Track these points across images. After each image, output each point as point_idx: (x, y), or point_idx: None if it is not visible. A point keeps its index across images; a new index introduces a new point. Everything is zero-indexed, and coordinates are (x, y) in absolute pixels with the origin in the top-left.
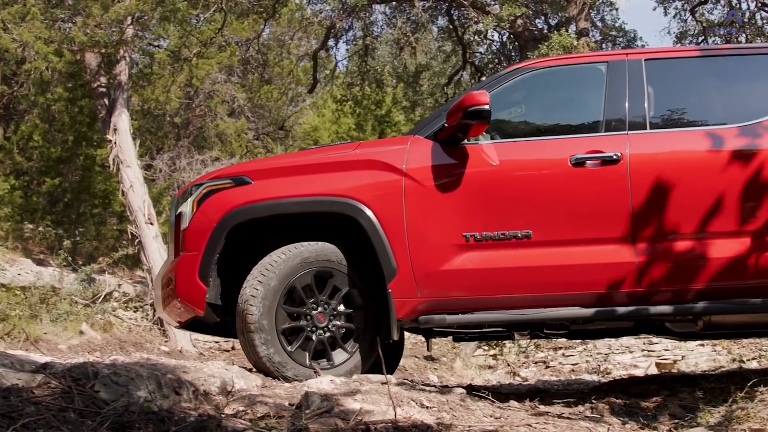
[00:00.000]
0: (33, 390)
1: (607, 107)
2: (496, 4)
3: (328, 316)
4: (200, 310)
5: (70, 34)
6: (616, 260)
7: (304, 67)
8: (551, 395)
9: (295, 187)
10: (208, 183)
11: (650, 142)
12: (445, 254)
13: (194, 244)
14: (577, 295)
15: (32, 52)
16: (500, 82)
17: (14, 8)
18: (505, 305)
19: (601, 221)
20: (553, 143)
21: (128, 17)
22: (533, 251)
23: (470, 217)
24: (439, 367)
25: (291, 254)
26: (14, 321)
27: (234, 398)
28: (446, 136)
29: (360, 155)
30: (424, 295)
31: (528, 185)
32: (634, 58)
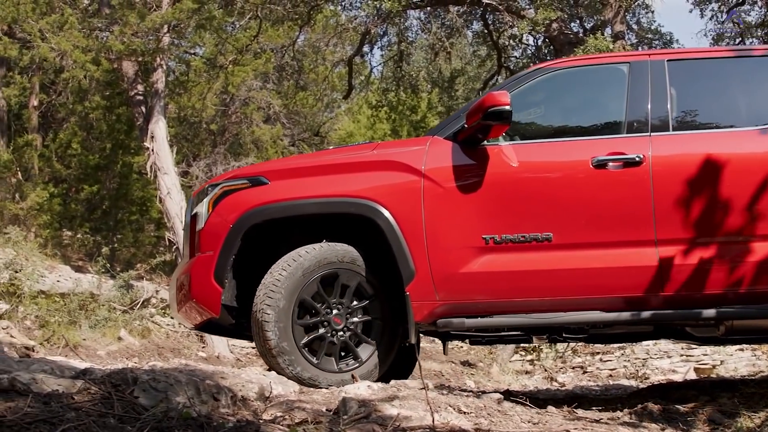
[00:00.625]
0: (73, 396)
1: (629, 108)
2: (531, 8)
3: (345, 316)
4: (215, 311)
5: (108, 43)
6: (638, 263)
7: (339, 73)
8: (589, 401)
9: (313, 188)
10: (225, 183)
11: (673, 144)
12: (464, 257)
13: (210, 245)
14: (598, 299)
15: (70, 61)
16: (521, 82)
17: (52, 18)
18: (524, 309)
19: (623, 224)
20: (574, 145)
21: (165, 26)
22: (553, 254)
23: (490, 219)
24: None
25: (294, 266)
26: (54, 327)
27: (272, 404)
28: (466, 137)
29: (378, 156)
30: (442, 298)
31: (548, 187)
32: (657, 58)
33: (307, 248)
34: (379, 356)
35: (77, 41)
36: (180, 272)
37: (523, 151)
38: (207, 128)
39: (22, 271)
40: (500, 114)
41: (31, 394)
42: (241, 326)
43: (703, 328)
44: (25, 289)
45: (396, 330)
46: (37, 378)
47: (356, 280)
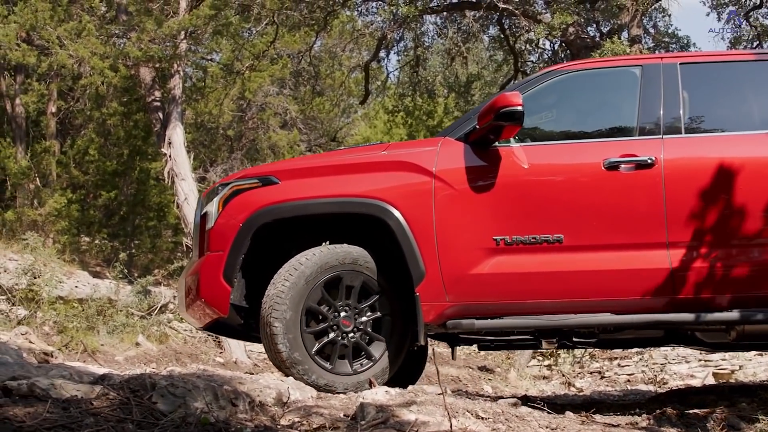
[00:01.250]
0: (92, 401)
1: (641, 111)
2: (547, 12)
3: (353, 317)
4: (224, 311)
5: (125, 50)
6: (650, 266)
7: (355, 79)
8: (607, 406)
9: (323, 188)
10: (235, 182)
11: (686, 147)
12: (474, 258)
13: (219, 244)
14: (609, 302)
15: (88, 67)
16: (533, 84)
17: (70, 25)
18: (534, 311)
19: (635, 226)
20: (585, 147)
21: (182, 32)
22: (564, 256)
23: (501, 221)
24: (493, 378)
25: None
26: (72, 333)
27: (290, 409)
28: (477, 138)
29: (389, 156)
30: (452, 300)
31: (560, 189)
32: (669, 62)
33: (307, 254)
34: (391, 352)
35: (95, 48)
36: (189, 272)
37: (535, 152)
38: (224, 134)
39: (41, 276)
40: (512, 115)
41: (51, 400)
42: (250, 327)
43: (713, 334)
44: (43, 294)
45: (406, 325)
46: (56, 383)
47: (360, 279)
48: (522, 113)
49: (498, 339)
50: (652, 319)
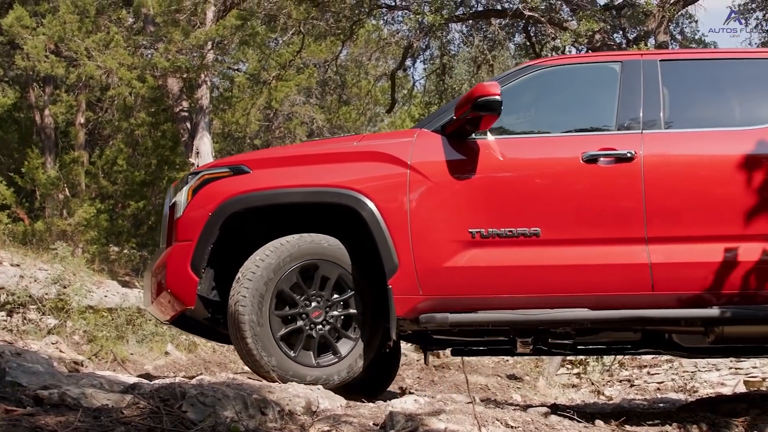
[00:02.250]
0: (122, 410)
1: (621, 106)
2: (573, 19)
3: (324, 309)
4: (190, 302)
5: (153, 60)
6: (628, 261)
7: (381, 87)
8: (637, 414)
9: (295, 178)
10: (205, 172)
11: (665, 142)
12: (449, 250)
13: (187, 233)
14: (586, 297)
15: (116, 78)
16: (512, 77)
17: (98, 36)
18: (509, 305)
19: (613, 221)
20: (564, 140)
21: (208, 42)
22: (541, 250)
23: (477, 213)
24: (522, 386)
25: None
26: (101, 342)
27: (319, 418)
28: (454, 129)
29: (364, 147)
30: (426, 293)
31: (537, 182)
32: (650, 58)
33: (287, 238)
34: (359, 352)
35: (123, 59)
36: (155, 263)
37: (512, 145)
38: (251, 143)
39: (70, 286)
40: (490, 105)
41: (81, 409)
42: (217, 322)
43: (691, 337)
44: (73, 304)
45: (377, 325)
46: (87, 392)
47: (337, 272)
48: (500, 103)
49: (471, 341)
50: (629, 315)
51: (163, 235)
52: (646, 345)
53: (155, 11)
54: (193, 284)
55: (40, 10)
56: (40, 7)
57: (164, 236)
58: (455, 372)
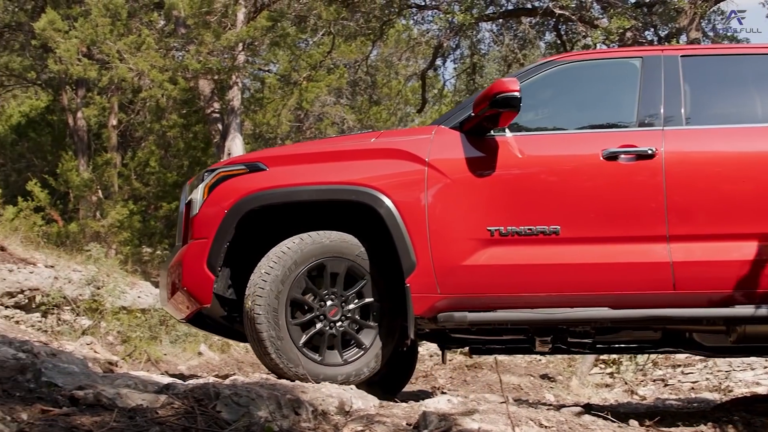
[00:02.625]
0: (157, 410)
1: (641, 103)
2: (604, 17)
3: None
4: (206, 300)
5: (184, 62)
6: (649, 260)
7: (412, 87)
8: (672, 414)
9: (312, 175)
10: (221, 169)
11: (687, 139)
12: (467, 249)
13: (204, 231)
14: (605, 296)
15: (148, 80)
16: (531, 73)
17: (130, 39)
18: (528, 304)
19: (633, 218)
20: (584, 137)
21: (239, 44)
22: (561, 248)
23: (495, 211)
24: (555, 386)
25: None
26: (135, 342)
27: (352, 418)
28: (473, 126)
29: (381, 144)
30: (444, 292)
31: (557, 179)
32: (671, 54)
33: (287, 244)
34: (382, 337)
35: (154, 61)
36: (171, 261)
37: (531, 142)
38: (282, 144)
39: (104, 287)
40: (509, 101)
41: (117, 409)
42: (233, 320)
43: (712, 336)
44: (107, 305)
45: (395, 311)
46: (122, 392)
47: (344, 265)
48: (519, 99)
49: (489, 339)
50: (650, 315)
51: (179, 233)
52: (666, 344)
53: (186, 13)
54: (209, 282)
55: (72, 14)
56: (72, 11)
57: (180, 234)
58: (488, 372)
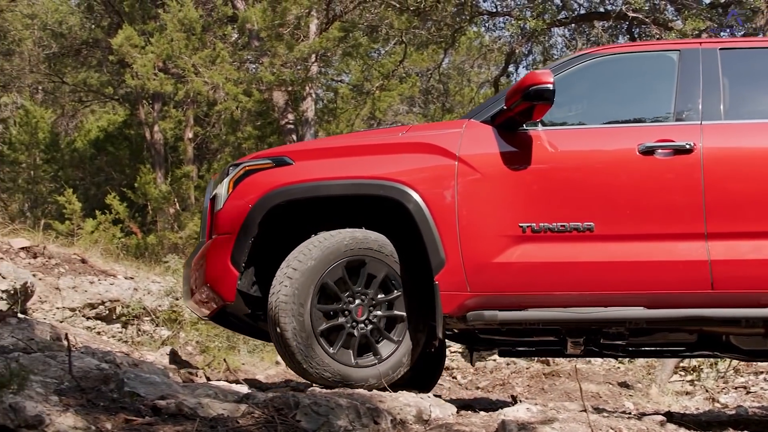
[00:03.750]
0: (238, 419)
1: (678, 96)
2: (678, 19)
3: (368, 308)
4: (230, 297)
5: (258, 75)
6: (686, 258)
7: (485, 94)
8: (755, 423)
9: (339, 169)
10: (247, 163)
11: (725, 133)
12: (498, 245)
13: (228, 226)
14: (641, 295)
15: (222, 93)
16: (566, 66)
17: (204, 53)
18: (561, 303)
19: (670, 215)
20: (619, 131)
21: (312, 55)
22: (595, 246)
23: (528, 207)
24: (634, 394)
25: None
26: (214, 352)
27: (431, 427)
28: (505, 120)
29: (410, 138)
30: (474, 290)
31: (591, 174)
32: (709, 47)
33: (336, 232)
34: (401, 355)
35: (229, 74)
36: (195, 257)
37: (565, 136)
38: None
39: None
40: (542, 93)
41: (198, 419)
42: (257, 318)
43: (750, 339)
44: (185, 315)
45: (421, 326)
46: (203, 402)
47: (384, 270)
48: (552, 92)
49: (520, 341)
50: (687, 315)
51: (202, 228)
52: (701, 347)
53: (259, 26)
54: (233, 278)
55: (148, 29)
56: (147, 26)
57: (204, 229)
58: (565, 380)
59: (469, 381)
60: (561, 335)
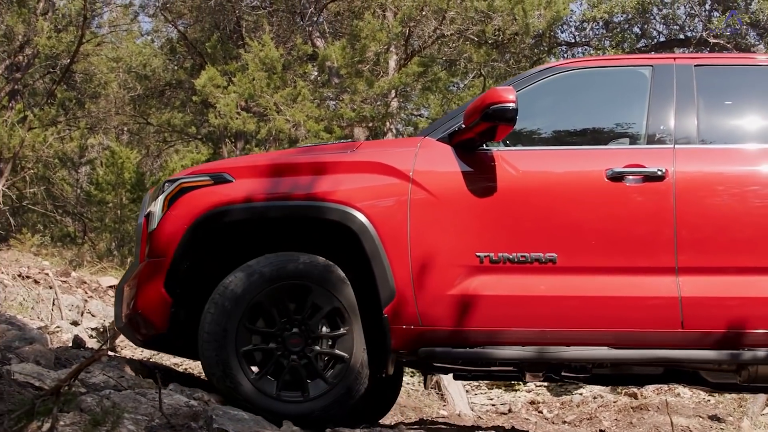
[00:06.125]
0: None
1: (650, 117)
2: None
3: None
4: (162, 326)
5: (339, 111)
6: (655, 294)
7: None
8: None
9: (282, 188)
10: (183, 179)
11: (700, 159)
12: (453, 276)
13: (162, 249)
14: (606, 333)
15: (304, 130)
16: (529, 81)
17: (285, 91)
18: (520, 340)
19: (639, 247)
20: (586, 154)
21: (392, 90)
22: (557, 278)
23: (486, 235)
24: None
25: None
26: None
27: None
28: (463, 139)
29: (359, 156)
30: (426, 323)
31: (555, 200)
32: (684, 63)
33: (267, 257)
34: (333, 397)
35: (310, 111)
36: (126, 280)
37: (527, 158)
38: None
39: None
40: (504, 113)
41: None
42: (194, 343)
43: (719, 373)
44: None
45: (364, 375)
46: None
47: (331, 303)
48: (515, 111)
49: (476, 370)
50: (656, 356)
51: (136, 249)
52: (669, 379)
53: (339, 63)
54: (167, 306)
55: (230, 69)
56: (229, 67)
57: (138, 251)
58: (654, 413)
59: (556, 415)
60: (520, 367)
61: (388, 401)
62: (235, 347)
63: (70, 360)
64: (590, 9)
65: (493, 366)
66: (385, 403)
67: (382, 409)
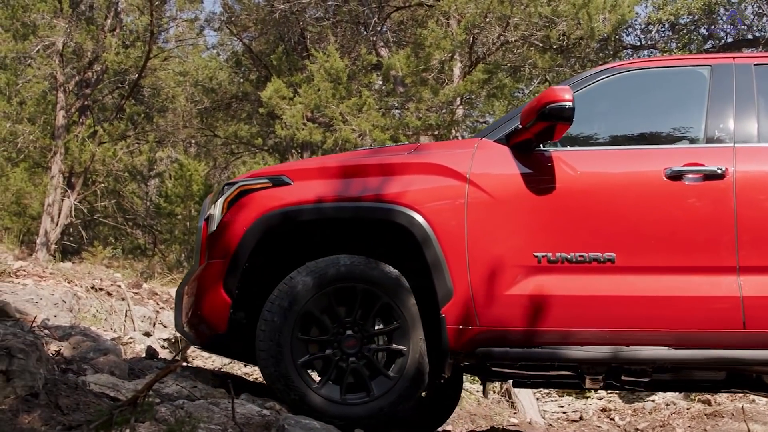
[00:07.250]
0: None
1: (709, 116)
2: None
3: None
4: (221, 327)
5: (404, 120)
6: (716, 293)
7: None
8: None
9: (340, 190)
10: (242, 182)
11: (761, 157)
12: (511, 276)
13: (221, 251)
14: (665, 334)
15: (370, 140)
16: (586, 82)
17: (351, 101)
18: (578, 341)
19: (699, 246)
20: (644, 153)
21: (457, 98)
22: (616, 278)
23: (544, 235)
24: None
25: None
26: None
27: None
28: (520, 140)
29: (417, 158)
30: (483, 323)
31: (613, 200)
32: (743, 62)
33: (331, 258)
34: (397, 393)
35: (375, 121)
36: (186, 283)
37: (585, 158)
38: None
39: None
40: (560, 112)
41: None
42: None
43: None
44: None
45: (424, 363)
46: None
47: (383, 300)
48: (572, 110)
49: (535, 375)
50: (718, 356)
51: (196, 252)
52: (731, 385)
53: (404, 72)
54: (226, 307)
55: (296, 81)
56: (295, 78)
57: (198, 253)
58: (728, 420)
59: (628, 422)
60: (579, 371)
61: (447, 409)
62: (292, 360)
63: (144, 370)
64: (655, 11)
65: (552, 370)
66: (444, 410)
67: (441, 416)
